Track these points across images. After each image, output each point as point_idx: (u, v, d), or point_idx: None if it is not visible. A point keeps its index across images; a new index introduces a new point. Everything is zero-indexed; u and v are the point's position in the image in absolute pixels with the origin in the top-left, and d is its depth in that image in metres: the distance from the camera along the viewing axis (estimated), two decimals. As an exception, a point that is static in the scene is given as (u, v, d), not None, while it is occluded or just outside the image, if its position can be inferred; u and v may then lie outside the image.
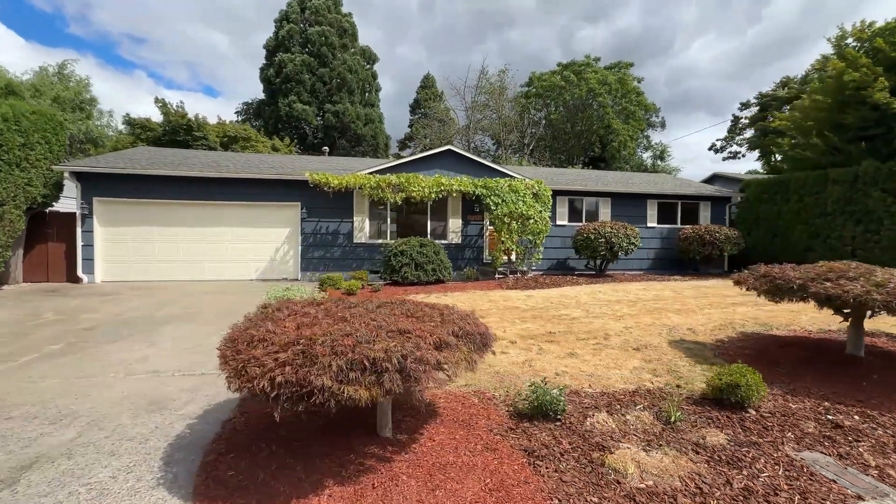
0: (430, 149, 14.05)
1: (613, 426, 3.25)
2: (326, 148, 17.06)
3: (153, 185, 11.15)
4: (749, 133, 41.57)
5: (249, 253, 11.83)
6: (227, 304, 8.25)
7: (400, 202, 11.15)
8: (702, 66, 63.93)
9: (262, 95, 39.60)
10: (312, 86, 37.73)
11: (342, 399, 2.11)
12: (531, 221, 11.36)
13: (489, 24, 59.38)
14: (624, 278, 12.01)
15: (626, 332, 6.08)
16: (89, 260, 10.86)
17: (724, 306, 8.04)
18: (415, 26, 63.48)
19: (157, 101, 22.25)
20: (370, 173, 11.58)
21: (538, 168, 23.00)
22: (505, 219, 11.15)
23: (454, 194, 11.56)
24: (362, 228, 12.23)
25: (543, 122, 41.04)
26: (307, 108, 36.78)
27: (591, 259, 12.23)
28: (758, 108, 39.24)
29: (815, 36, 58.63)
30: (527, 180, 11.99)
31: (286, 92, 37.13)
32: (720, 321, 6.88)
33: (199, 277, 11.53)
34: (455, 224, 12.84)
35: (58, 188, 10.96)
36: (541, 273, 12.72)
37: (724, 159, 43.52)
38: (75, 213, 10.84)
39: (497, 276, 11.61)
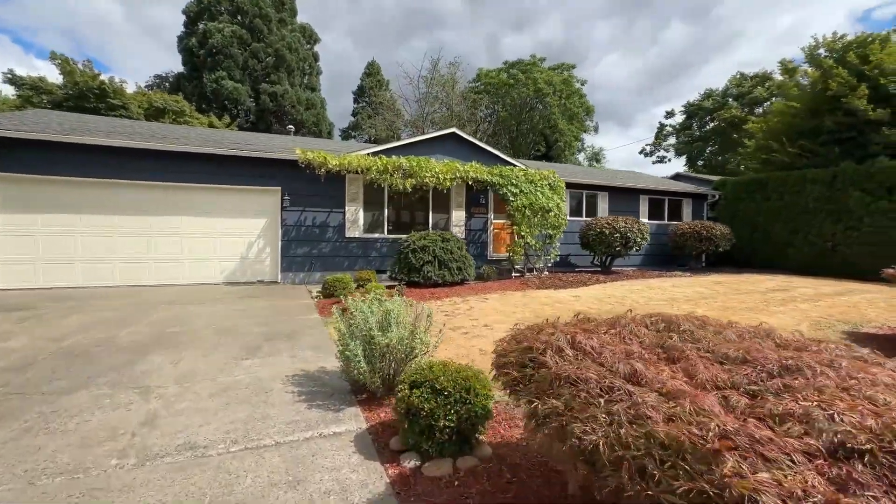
0: (423, 133, 12.49)
1: None
2: (292, 127, 14.52)
3: (76, 157, 8.25)
4: (673, 139, 45.58)
5: (214, 249, 9.37)
6: (215, 319, 6.09)
7: (410, 189, 9.51)
8: (611, 80, 69.52)
9: (180, 68, 34.35)
10: (245, 62, 33.62)
11: None
12: (550, 214, 10.41)
13: (418, 22, 58.33)
14: (635, 275, 11.57)
15: (750, 339, 5.30)
16: (-26, 259, 7.72)
17: (782, 302, 7.73)
18: (342, 17, 60.04)
19: (54, 56, 17.44)
20: (370, 155, 9.76)
21: (528, 161, 22.26)
22: (525, 211, 10.06)
23: (470, 182, 10.20)
24: (356, 220, 10.35)
25: (493, 118, 40.91)
26: (239, 87, 32.64)
27: (605, 255, 11.64)
28: (684, 116, 42.98)
29: (700, 62, 67.50)
30: (542, 170, 11.03)
31: (212, 66, 32.61)
32: (806, 320, 6.44)
33: (143, 281, 8.84)
34: (458, 217, 11.47)
35: (-81, 157, 7.64)
36: (549, 270, 11.85)
37: (653, 163, 47.19)
38: (-50, 192, 7.62)
39: (514, 274, 10.50)
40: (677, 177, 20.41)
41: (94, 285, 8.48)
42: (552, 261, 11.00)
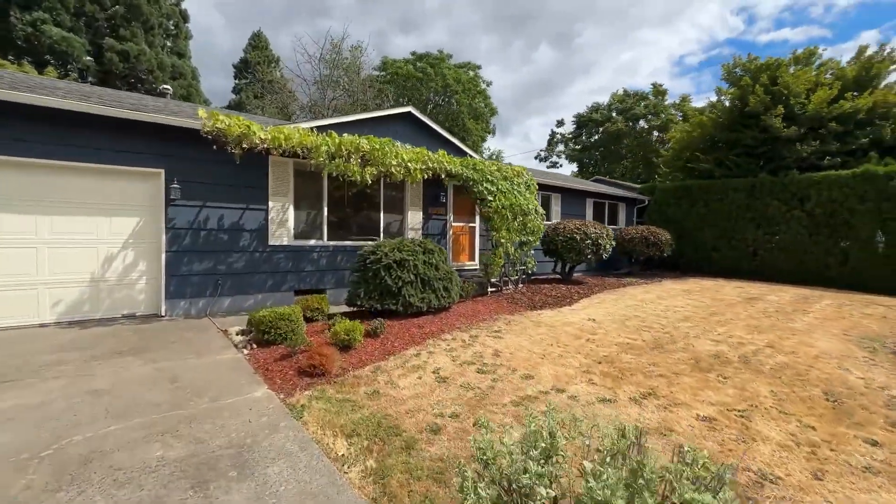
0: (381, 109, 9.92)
1: None
2: (169, 88, 10.13)
3: None
4: (562, 146, 49.02)
5: (37, 266, 5.59)
6: (48, 429, 2.99)
7: (370, 181, 6.96)
8: (491, 90, 73.95)
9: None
10: (81, 7, 25.74)
11: None
12: (529, 218, 8.88)
13: (302, 6, 52.71)
14: (597, 283, 10.76)
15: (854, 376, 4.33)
16: None
17: (783, 315, 7.34)
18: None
19: None
20: (313, 130, 6.93)
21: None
22: (506, 214, 8.33)
23: (443, 175, 8.02)
24: (285, 221, 7.39)
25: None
26: (71, 38, 24.74)
27: (574, 263, 10.56)
28: (574, 125, 46.38)
29: (564, 83, 76.57)
30: (515, 166, 9.42)
31: (26, 5, 24.18)
32: (851, 344, 5.93)
33: None
34: (415, 219, 9.21)
35: None
36: (523, 282, 10.34)
37: (547, 167, 50.18)
38: None
39: (490, 289, 8.70)
40: (597, 181, 20.95)
41: None
42: (530, 271, 9.50)
